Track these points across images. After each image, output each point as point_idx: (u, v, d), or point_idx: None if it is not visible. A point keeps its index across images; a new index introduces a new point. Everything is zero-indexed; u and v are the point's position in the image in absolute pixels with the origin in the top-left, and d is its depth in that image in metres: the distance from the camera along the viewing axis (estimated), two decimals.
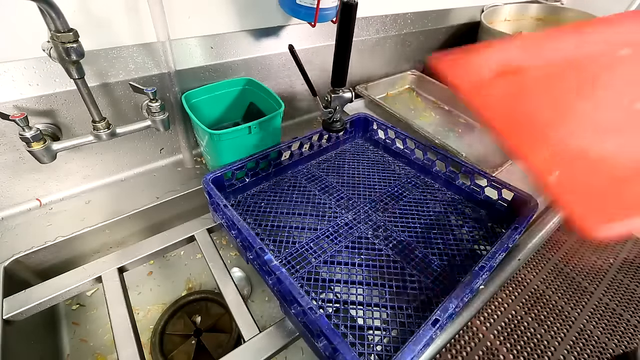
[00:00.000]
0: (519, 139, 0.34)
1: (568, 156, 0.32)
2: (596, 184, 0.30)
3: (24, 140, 0.45)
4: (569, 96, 0.38)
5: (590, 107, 0.37)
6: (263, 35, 0.67)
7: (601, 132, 0.34)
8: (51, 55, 0.43)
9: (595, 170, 0.31)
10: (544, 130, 0.35)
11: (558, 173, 0.30)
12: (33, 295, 0.46)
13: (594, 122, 0.35)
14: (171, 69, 0.55)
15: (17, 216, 0.56)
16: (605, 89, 0.39)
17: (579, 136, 0.34)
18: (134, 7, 0.50)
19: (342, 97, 0.50)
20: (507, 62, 0.45)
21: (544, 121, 0.35)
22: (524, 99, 0.38)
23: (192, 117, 0.55)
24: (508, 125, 0.35)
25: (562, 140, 0.33)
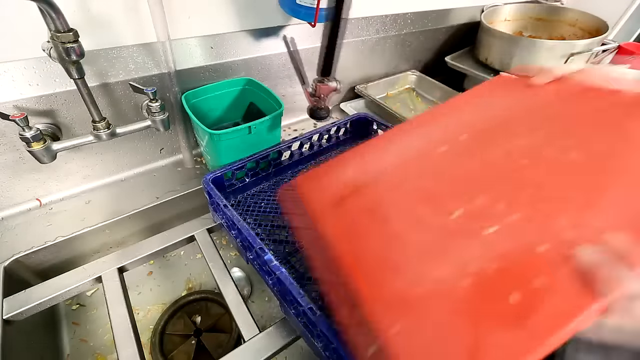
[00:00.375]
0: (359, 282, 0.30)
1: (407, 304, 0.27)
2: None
3: (24, 140, 0.45)
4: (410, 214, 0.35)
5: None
6: (263, 35, 0.67)
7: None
8: (51, 55, 0.43)
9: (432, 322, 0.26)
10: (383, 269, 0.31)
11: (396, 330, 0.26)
12: (33, 295, 0.46)
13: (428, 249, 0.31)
14: (171, 69, 0.55)
15: (17, 216, 0.56)
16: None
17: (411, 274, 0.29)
18: (134, 7, 0.50)
19: (328, 86, 0.52)
20: (360, 176, 0.42)
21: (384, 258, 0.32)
22: (365, 228, 0.35)
23: (192, 117, 0.55)
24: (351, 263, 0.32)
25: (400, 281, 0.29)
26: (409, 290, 0.28)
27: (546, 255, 0.26)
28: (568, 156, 0.35)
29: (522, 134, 0.41)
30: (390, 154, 0.45)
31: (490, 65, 0.97)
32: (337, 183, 0.42)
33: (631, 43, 1.17)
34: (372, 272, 0.31)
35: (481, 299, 0.26)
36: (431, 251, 0.31)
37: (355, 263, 0.32)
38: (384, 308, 0.28)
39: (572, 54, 0.84)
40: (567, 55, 0.85)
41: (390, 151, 0.46)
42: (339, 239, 0.35)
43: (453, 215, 0.33)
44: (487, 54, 0.97)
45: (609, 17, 0.94)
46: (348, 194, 0.40)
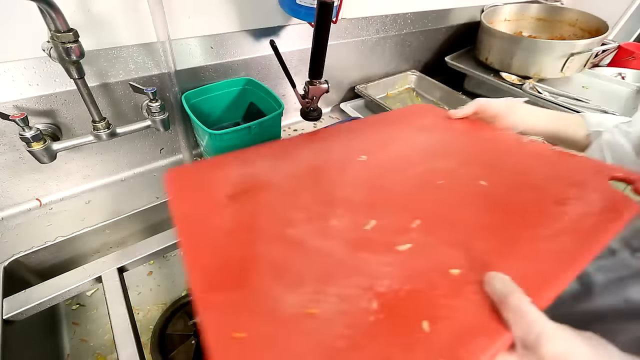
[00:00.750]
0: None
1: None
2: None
3: (24, 140, 0.45)
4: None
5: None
6: (263, 35, 0.67)
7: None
8: (51, 55, 0.43)
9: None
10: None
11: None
12: (33, 295, 0.46)
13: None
14: (171, 69, 0.55)
15: (17, 216, 0.56)
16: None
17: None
18: (134, 7, 0.50)
19: (319, 88, 0.53)
20: (244, 180, 0.40)
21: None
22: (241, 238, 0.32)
23: (192, 117, 0.55)
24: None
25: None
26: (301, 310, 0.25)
27: (459, 279, 0.27)
28: (477, 182, 0.38)
29: (438, 158, 0.44)
30: (297, 158, 0.44)
31: (490, 65, 0.97)
32: (230, 179, 0.40)
33: (631, 43, 1.17)
34: (256, 282, 0.28)
35: (391, 325, 0.24)
36: (336, 265, 0.29)
37: (241, 272, 0.29)
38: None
39: (572, 54, 0.84)
40: (567, 55, 0.85)
41: (298, 155, 0.45)
42: (223, 239, 0.32)
43: (368, 226, 0.32)
44: (487, 54, 0.97)
45: (609, 17, 0.93)
46: (241, 193, 0.37)
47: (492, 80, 0.93)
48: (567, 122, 0.49)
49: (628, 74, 1.04)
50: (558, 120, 0.50)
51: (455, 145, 0.47)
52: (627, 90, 0.95)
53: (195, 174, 0.41)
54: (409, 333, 0.23)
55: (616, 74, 1.04)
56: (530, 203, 0.35)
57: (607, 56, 1.14)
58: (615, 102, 0.90)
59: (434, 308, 0.25)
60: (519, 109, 0.48)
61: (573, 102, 0.84)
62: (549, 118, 0.50)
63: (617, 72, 1.05)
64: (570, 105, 0.82)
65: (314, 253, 0.30)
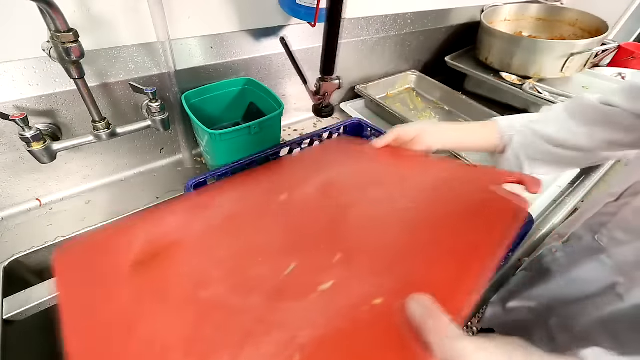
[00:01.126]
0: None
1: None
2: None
3: (24, 140, 0.45)
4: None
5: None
6: (263, 35, 0.67)
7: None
8: (51, 55, 0.43)
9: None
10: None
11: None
12: (33, 295, 0.46)
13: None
14: (171, 69, 0.55)
15: (17, 216, 0.56)
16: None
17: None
18: (134, 7, 0.50)
19: (331, 84, 0.53)
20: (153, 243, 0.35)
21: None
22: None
23: (192, 117, 0.55)
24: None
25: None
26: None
27: (383, 309, 0.26)
28: (393, 206, 0.39)
29: (357, 188, 0.44)
30: (213, 208, 0.41)
31: (490, 65, 0.97)
32: (135, 246, 0.35)
33: (631, 43, 1.17)
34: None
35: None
36: (256, 323, 0.27)
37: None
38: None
39: (572, 54, 0.84)
40: (567, 55, 0.85)
41: (213, 205, 0.42)
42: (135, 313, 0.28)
43: (287, 271, 0.31)
44: (487, 54, 0.97)
45: (609, 17, 0.93)
46: (148, 259, 0.33)
47: (492, 80, 0.93)
48: (481, 132, 0.51)
49: (628, 74, 1.04)
50: (472, 133, 0.52)
51: (372, 174, 0.48)
52: None
53: (91, 250, 0.35)
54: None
55: (616, 74, 1.04)
56: (440, 220, 0.36)
57: (607, 56, 1.14)
58: None
59: (357, 346, 0.24)
60: (431, 131, 0.50)
61: None
62: (462, 133, 0.51)
63: (617, 72, 1.05)
64: None
65: (231, 314, 0.28)
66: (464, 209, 0.37)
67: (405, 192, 0.41)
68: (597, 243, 0.37)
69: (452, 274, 0.28)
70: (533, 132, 0.47)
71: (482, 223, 0.34)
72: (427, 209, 0.38)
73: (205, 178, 0.52)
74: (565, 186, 0.68)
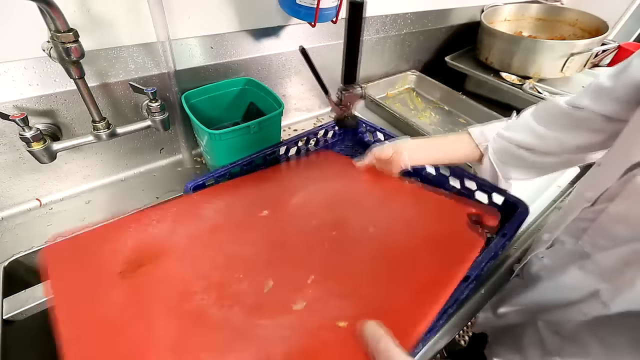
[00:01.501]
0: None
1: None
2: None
3: (24, 140, 0.45)
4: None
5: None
6: (263, 35, 0.67)
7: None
8: (51, 55, 0.43)
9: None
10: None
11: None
12: (33, 295, 0.46)
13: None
14: (171, 69, 0.55)
15: (17, 216, 0.56)
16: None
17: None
18: (134, 7, 0.50)
19: (353, 94, 0.51)
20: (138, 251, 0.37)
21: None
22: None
23: (191, 117, 0.55)
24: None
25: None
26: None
27: (346, 331, 0.29)
28: (366, 230, 0.42)
29: (334, 208, 0.46)
30: (198, 219, 0.43)
31: (490, 65, 0.97)
32: (124, 251, 0.37)
33: (631, 43, 1.17)
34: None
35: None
36: (235, 336, 0.29)
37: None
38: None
39: (572, 54, 0.84)
40: (567, 55, 0.85)
41: (199, 216, 0.44)
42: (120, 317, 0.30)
43: (266, 288, 0.34)
44: (487, 54, 0.97)
45: (609, 17, 0.93)
46: (135, 267, 0.35)
47: (492, 80, 0.93)
48: (457, 145, 0.52)
49: None
50: (447, 146, 0.52)
51: (349, 195, 0.51)
52: None
53: (81, 250, 0.37)
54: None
55: None
56: (404, 249, 0.39)
57: (607, 56, 1.14)
58: None
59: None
60: (407, 148, 0.50)
61: None
62: (438, 148, 0.52)
63: None
64: None
65: (212, 327, 0.30)
66: (425, 239, 0.41)
67: (375, 219, 0.45)
68: (580, 248, 0.37)
69: (408, 302, 0.32)
70: (504, 139, 0.47)
71: (441, 254, 0.38)
72: (393, 238, 0.41)
73: (204, 180, 0.52)
74: (565, 186, 0.68)
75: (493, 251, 0.42)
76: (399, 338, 0.26)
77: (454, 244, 0.40)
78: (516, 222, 0.47)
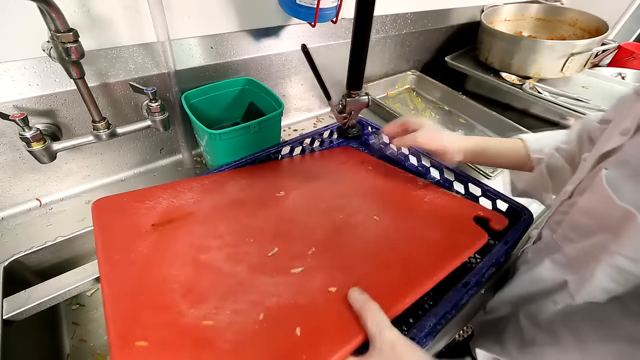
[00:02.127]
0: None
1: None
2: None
3: (24, 140, 0.45)
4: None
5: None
6: (263, 35, 0.67)
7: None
8: (51, 55, 0.43)
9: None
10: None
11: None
12: (33, 295, 0.46)
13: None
14: (171, 69, 0.55)
15: (17, 216, 0.56)
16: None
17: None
18: (134, 7, 0.50)
19: (358, 101, 0.46)
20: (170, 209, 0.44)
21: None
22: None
23: (191, 117, 0.55)
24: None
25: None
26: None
27: (334, 295, 0.34)
28: (371, 217, 0.46)
29: (344, 196, 0.51)
30: (223, 192, 0.49)
31: (490, 65, 0.97)
32: (158, 210, 0.44)
33: (631, 43, 1.17)
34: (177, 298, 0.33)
35: (271, 331, 0.30)
36: (237, 285, 0.35)
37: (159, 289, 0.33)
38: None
39: (572, 54, 0.84)
40: (567, 55, 0.85)
41: (224, 190, 0.49)
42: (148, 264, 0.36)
43: (271, 253, 0.39)
44: (487, 54, 0.97)
45: (609, 17, 0.94)
46: (166, 222, 0.42)
47: (492, 80, 0.93)
48: (510, 152, 0.50)
49: (628, 74, 1.04)
50: (499, 151, 0.50)
51: (360, 186, 0.54)
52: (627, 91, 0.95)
53: (124, 204, 0.44)
54: (284, 337, 0.30)
55: (616, 74, 1.04)
56: (406, 235, 0.43)
57: (607, 56, 1.15)
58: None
59: (308, 318, 0.31)
60: (454, 145, 0.49)
61: (573, 102, 0.84)
62: (489, 151, 0.50)
63: (617, 72, 1.05)
64: (570, 105, 0.82)
65: (220, 275, 0.36)
66: (428, 230, 0.44)
67: (382, 208, 0.48)
68: (554, 242, 0.39)
69: (396, 280, 0.36)
70: (565, 157, 0.46)
71: (441, 243, 0.42)
72: (396, 226, 0.45)
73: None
74: None
75: (495, 258, 0.42)
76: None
77: (457, 237, 0.43)
78: (519, 229, 0.46)
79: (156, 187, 0.48)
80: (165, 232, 0.40)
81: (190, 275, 0.36)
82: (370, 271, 0.37)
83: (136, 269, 0.35)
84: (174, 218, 0.42)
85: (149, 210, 0.43)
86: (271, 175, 0.55)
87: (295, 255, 0.39)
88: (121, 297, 0.32)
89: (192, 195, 0.47)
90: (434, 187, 0.54)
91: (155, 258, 0.37)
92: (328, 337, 0.30)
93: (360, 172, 0.59)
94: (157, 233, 0.40)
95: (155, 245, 0.38)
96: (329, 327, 0.31)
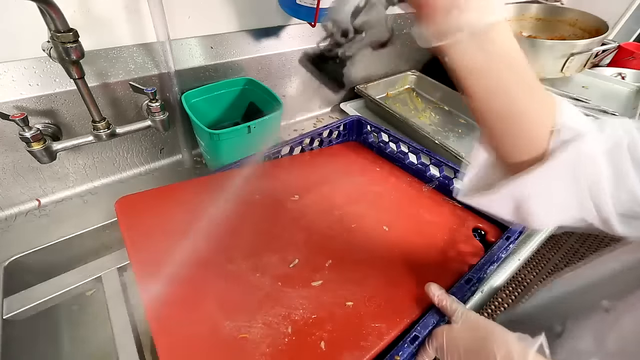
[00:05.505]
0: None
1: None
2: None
3: (24, 140, 0.45)
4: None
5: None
6: (263, 35, 0.67)
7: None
8: (51, 55, 0.43)
9: None
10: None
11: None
12: (33, 295, 0.46)
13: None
14: (171, 69, 0.55)
15: (17, 216, 0.56)
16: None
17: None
18: (134, 7, 0.50)
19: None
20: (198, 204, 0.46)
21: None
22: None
23: (191, 117, 0.55)
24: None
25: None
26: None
27: (351, 311, 0.37)
28: (381, 227, 0.49)
29: (355, 202, 0.53)
30: (241, 192, 0.49)
31: None
32: (179, 210, 0.46)
33: (631, 43, 1.17)
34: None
35: (299, 345, 0.33)
36: (265, 297, 0.37)
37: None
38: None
39: (572, 53, 0.84)
40: (567, 55, 0.85)
41: (242, 189, 0.50)
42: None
43: (292, 264, 0.42)
44: None
45: (609, 17, 0.93)
46: (189, 223, 0.43)
47: None
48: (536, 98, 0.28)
49: (628, 74, 1.04)
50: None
51: (370, 192, 0.57)
52: (627, 90, 0.95)
53: (148, 203, 0.46)
54: (311, 350, 0.33)
55: (616, 74, 1.04)
56: (412, 248, 0.46)
57: (607, 56, 1.14)
58: (615, 102, 0.90)
59: (330, 332, 0.35)
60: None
61: (573, 102, 0.84)
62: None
63: (617, 72, 1.05)
64: None
65: (248, 287, 0.38)
66: (432, 243, 0.48)
67: (390, 219, 0.51)
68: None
69: (404, 295, 0.39)
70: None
71: (440, 257, 0.45)
72: (403, 239, 0.48)
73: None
74: None
75: (496, 254, 0.42)
76: (388, 323, 0.36)
77: (458, 250, 0.46)
78: (520, 226, 0.46)
79: (177, 185, 0.50)
80: (191, 235, 0.42)
81: (221, 285, 0.38)
82: (382, 285, 0.40)
83: (170, 277, 0.37)
84: (196, 219, 0.43)
85: (172, 210, 0.46)
86: (285, 175, 0.58)
87: (314, 267, 0.42)
88: (164, 303, 0.36)
89: (211, 195, 0.48)
90: (436, 196, 0.56)
91: (187, 264, 0.39)
92: (349, 351, 0.33)
93: (368, 174, 0.61)
94: (184, 236, 0.42)
95: (184, 250, 0.40)
96: (349, 341, 0.34)
